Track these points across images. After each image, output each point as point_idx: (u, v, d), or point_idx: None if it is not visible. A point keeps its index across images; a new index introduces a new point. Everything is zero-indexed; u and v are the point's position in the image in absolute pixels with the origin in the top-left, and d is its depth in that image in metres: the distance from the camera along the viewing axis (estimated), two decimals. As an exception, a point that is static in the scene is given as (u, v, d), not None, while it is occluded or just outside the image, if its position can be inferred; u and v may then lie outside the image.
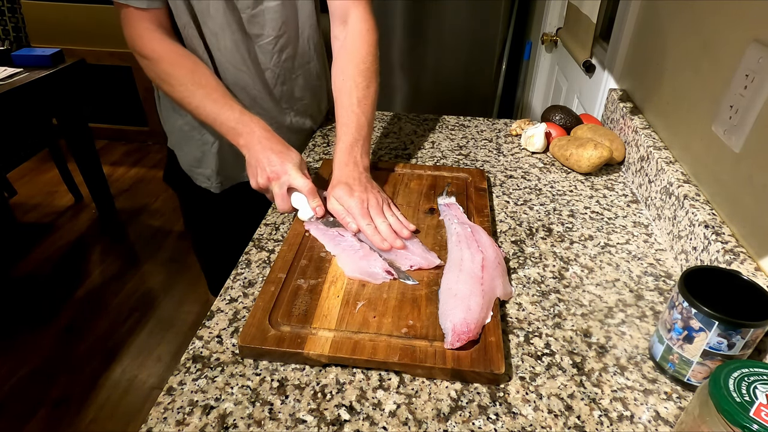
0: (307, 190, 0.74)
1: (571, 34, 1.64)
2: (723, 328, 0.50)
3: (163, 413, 0.51)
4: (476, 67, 2.19)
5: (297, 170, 0.74)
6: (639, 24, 1.11)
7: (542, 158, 1.04)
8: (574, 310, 0.66)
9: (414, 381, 0.55)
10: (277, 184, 0.74)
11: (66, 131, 2.30)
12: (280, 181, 0.74)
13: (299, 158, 0.77)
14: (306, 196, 0.75)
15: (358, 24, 0.86)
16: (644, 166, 0.91)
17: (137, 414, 1.59)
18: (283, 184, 0.74)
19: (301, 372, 0.56)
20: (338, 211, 0.75)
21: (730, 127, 0.70)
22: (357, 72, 0.84)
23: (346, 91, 0.83)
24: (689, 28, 0.87)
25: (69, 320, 1.93)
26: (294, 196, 0.76)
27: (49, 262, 2.24)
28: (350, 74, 0.84)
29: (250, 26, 0.88)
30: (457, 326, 0.57)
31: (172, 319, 1.95)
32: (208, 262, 1.24)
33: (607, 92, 1.21)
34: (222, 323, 0.62)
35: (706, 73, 0.80)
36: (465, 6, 2.04)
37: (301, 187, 0.74)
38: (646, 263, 0.75)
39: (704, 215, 0.71)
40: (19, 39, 2.42)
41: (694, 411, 0.44)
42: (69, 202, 2.65)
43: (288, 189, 0.75)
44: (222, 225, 1.12)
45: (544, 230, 0.82)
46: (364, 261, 0.68)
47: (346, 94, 0.83)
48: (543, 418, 0.52)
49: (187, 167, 1.03)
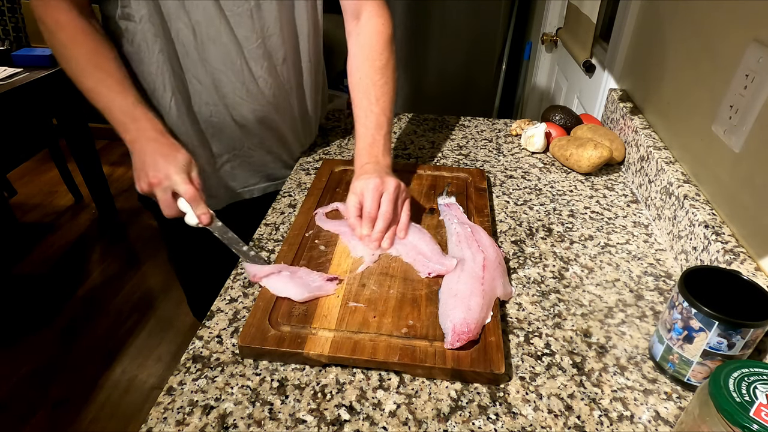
0: (189, 196, 0.70)
1: (571, 34, 1.64)
2: (723, 328, 0.50)
3: (163, 413, 0.51)
4: (476, 68, 2.19)
5: (181, 175, 0.70)
6: (639, 24, 1.11)
7: (542, 158, 1.04)
8: (574, 310, 0.66)
9: (414, 381, 0.55)
10: (160, 189, 0.70)
11: (66, 131, 2.30)
12: (162, 187, 0.70)
13: (186, 160, 0.72)
14: (189, 204, 0.71)
15: (372, 19, 0.84)
16: (644, 166, 0.91)
17: (137, 414, 1.59)
18: (167, 189, 0.70)
19: (301, 372, 0.56)
20: (349, 212, 0.73)
21: (730, 127, 0.70)
22: (373, 70, 0.82)
23: (363, 89, 0.81)
24: (689, 28, 0.87)
25: (69, 320, 1.93)
26: (181, 200, 0.72)
27: (49, 262, 2.24)
28: (366, 72, 0.82)
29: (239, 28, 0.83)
30: (457, 326, 0.57)
31: (172, 319, 1.95)
32: (190, 286, 1.19)
33: (607, 92, 1.21)
34: (222, 323, 0.62)
35: (706, 73, 0.80)
36: (465, 6, 2.04)
37: (183, 194, 0.70)
38: (646, 263, 0.75)
39: (704, 215, 0.71)
40: (19, 39, 2.42)
41: (694, 411, 0.44)
42: (69, 202, 2.65)
43: (174, 194, 0.71)
44: (202, 248, 1.06)
45: (544, 230, 0.82)
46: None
47: (363, 92, 0.81)
48: (543, 418, 0.52)
49: None
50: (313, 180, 0.90)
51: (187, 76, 0.83)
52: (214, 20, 0.78)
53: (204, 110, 0.86)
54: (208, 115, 0.86)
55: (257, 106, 0.87)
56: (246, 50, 0.82)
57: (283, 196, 0.89)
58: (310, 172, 0.97)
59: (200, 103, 0.85)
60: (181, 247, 1.11)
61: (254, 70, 0.84)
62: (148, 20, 0.77)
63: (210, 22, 0.78)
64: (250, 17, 0.80)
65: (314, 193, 0.85)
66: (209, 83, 0.83)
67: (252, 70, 0.84)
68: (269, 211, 0.85)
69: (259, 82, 0.85)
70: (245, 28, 0.80)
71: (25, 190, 2.71)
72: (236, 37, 0.80)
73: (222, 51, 0.81)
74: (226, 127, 0.88)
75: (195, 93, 0.84)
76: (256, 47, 0.82)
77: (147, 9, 0.76)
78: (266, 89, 0.87)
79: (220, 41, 0.80)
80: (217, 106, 0.85)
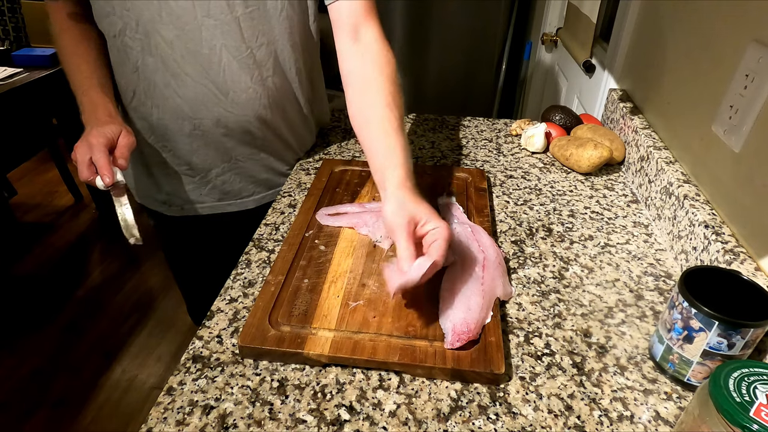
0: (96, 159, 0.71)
1: (571, 34, 1.64)
2: (723, 328, 0.50)
3: (163, 413, 0.51)
4: (476, 67, 2.19)
5: (98, 138, 0.72)
6: (639, 24, 1.11)
7: (542, 158, 1.04)
8: (574, 310, 0.66)
9: (414, 381, 0.55)
10: (79, 151, 0.72)
11: (66, 131, 2.30)
12: (81, 150, 0.72)
13: (115, 130, 0.74)
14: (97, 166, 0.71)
15: (376, 45, 0.76)
16: (644, 166, 0.91)
17: (137, 414, 1.59)
18: (84, 153, 0.71)
19: (301, 372, 0.56)
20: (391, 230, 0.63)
21: (730, 127, 0.70)
22: (390, 82, 0.74)
23: (376, 121, 0.71)
24: (689, 28, 0.87)
25: (69, 320, 1.93)
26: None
27: (49, 262, 2.24)
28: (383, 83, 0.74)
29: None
30: (457, 326, 0.57)
31: (172, 319, 1.95)
32: (188, 289, 1.18)
33: (607, 92, 1.21)
34: (222, 323, 0.62)
35: (706, 73, 0.80)
36: (465, 6, 2.04)
37: (95, 158, 0.71)
38: (646, 263, 0.75)
39: (704, 215, 0.71)
40: (19, 39, 2.42)
41: (694, 411, 0.44)
42: (69, 202, 2.65)
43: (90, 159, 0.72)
44: (199, 251, 1.06)
45: (544, 230, 0.82)
46: None
47: (377, 124, 0.71)
48: (543, 418, 0.52)
49: (140, 195, 0.99)
50: (313, 180, 0.90)
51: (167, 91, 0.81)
52: (197, 31, 0.76)
53: (186, 125, 0.84)
54: (191, 128, 0.84)
55: (244, 117, 0.85)
56: (236, 60, 0.79)
57: (283, 196, 0.89)
58: (310, 172, 0.97)
59: (182, 116, 0.83)
60: (178, 254, 1.11)
61: (243, 79, 0.81)
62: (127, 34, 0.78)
63: (193, 33, 0.76)
64: (237, 26, 0.77)
65: (314, 193, 0.85)
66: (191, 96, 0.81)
67: (240, 79, 0.81)
68: (269, 211, 0.85)
69: (249, 92, 0.83)
70: (234, 38, 0.78)
71: (25, 190, 2.71)
72: (225, 46, 0.78)
73: (204, 62, 0.78)
74: (214, 139, 0.87)
75: (176, 107, 0.82)
76: (246, 57, 0.80)
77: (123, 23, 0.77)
78: (256, 99, 0.84)
79: (201, 53, 0.78)
80: (202, 120, 0.83)
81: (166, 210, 0.97)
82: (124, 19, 0.76)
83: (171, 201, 0.96)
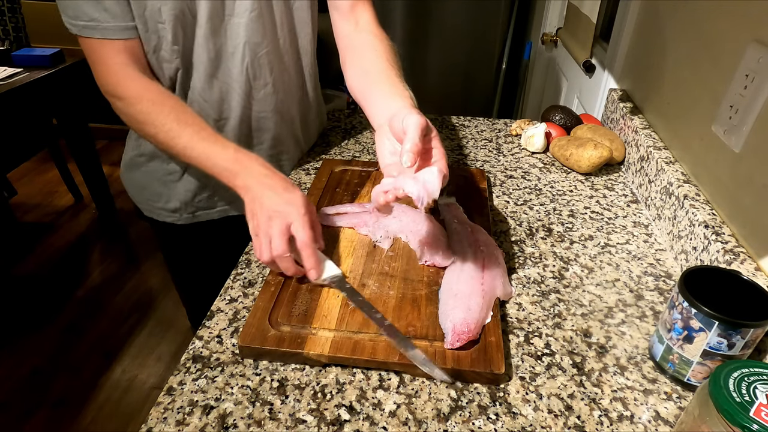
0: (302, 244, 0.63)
1: (571, 34, 1.64)
2: (723, 328, 0.50)
3: (163, 413, 0.51)
4: (476, 67, 2.19)
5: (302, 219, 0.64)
6: (639, 24, 1.11)
7: (542, 158, 1.04)
8: (574, 310, 0.66)
9: (414, 381, 0.55)
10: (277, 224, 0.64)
11: (66, 131, 2.31)
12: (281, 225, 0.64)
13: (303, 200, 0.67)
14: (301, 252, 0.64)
15: (372, 27, 0.81)
16: (644, 166, 0.91)
17: (137, 414, 1.59)
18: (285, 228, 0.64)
19: (301, 372, 0.56)
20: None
21: (730, 127, 0.70)
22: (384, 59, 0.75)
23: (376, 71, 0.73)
24: (689, 28, 0.87)
25: (69, 320, 1.93)
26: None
27: (49, 262, 2.24)
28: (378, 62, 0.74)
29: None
30: (457, 326, 0.57)
31: (172, 319, 1.95)
32: (188, 293, 1.17)
33: (607, 92, 1.21)
34: (222, 323, 0.62)
35: (706, 73, 0.80)
36: (465, 6, 2.04)
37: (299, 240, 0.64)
38: (646, 263, 0.75)
39: (704, 215, 0.71)
40: (19, 39, 2.42)
41: (694, 411, 0.44)
42: (69, 202, 2.65)
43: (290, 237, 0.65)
44: (199, 256, 1.05)
45: (544, 230, 0.82)
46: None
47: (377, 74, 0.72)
48: (543, 418, 0.52)
49: (147, 205, 0.96)
50: (313, 180, 0.90)
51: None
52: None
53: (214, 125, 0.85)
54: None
55: (261, 114, 0.88)
56: (258, 56, 0.82)
57: (283, 196, 0.89)
58: (309, 172, 0.97)
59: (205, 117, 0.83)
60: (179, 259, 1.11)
61: (264, 76, 0.84)
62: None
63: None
64: (261, 22, 0.79)
65: (314, 193, 0.85)
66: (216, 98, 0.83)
67: (261, 76, 0.84)
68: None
69: (266, 89, 0.85)
70: (257, 34, 0.80)
71: (25, 190, 2.71)
72: (248, 44, 0.80)
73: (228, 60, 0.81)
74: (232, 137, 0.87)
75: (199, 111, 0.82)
76: (265, 53, 0.82)
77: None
78: (270, 95, 0.87)
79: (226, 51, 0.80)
80: (226, 120, 0.85)
81: (176, 219, 0.96)
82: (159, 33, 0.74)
83: (184, 209, 0.95)
